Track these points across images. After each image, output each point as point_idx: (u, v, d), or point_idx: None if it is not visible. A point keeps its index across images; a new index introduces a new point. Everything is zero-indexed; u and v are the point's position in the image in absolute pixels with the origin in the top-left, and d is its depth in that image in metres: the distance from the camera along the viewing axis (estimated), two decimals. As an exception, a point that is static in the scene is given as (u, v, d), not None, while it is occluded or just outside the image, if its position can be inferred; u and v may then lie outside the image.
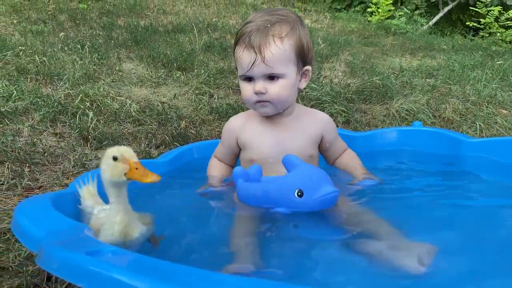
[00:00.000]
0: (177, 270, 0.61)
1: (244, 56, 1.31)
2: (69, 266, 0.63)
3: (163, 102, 2.63)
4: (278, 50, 1.29)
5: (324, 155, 1.52)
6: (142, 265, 0.63)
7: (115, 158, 0.92)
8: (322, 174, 1.18)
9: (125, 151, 0.93)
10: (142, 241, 0.98)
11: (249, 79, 1.35)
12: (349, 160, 1.52)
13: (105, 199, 1.03)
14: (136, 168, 0.91)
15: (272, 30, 1.30)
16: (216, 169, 1.55)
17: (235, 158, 1.54)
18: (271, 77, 1.32)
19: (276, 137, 1.41)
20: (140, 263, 0.64)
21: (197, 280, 0.58)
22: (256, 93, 1.33)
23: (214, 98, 2.77)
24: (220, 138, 2.32)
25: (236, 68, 1.42)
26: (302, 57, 1.36)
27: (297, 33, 1.33)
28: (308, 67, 1.40)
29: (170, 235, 1.06)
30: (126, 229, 0.94)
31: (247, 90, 1.36)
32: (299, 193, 1.13)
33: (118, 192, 0.94)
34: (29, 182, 1.72)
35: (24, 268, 1.18)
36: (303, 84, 1.42)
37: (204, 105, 2.61)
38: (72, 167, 1.88)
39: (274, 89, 1.33)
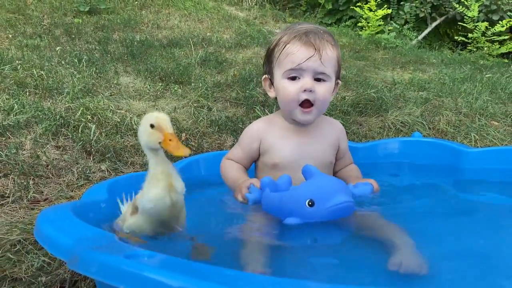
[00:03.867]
0: (211, 270, 0.64)
1: (301, 51, 1.33)
2: (109, 269, 0.65)
3: (163, 115, 2.65)
4: (331, 53, 1.36)
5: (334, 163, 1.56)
6: (177, 266, 0.66)
7: (152, 126, 0.94)
8: (336, 183, 1.19)
9: (162, 120, 0.94)
10: (183, 200, 1.00)
11: (293, 78, 1.36)
12: (350, 171, 1.57)
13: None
14: (170, 140, 0.92)
15: (326, 36, 1.37)
16: (235, 168, 1.50)
17: (251, 163, 1.53)
18: (318, 79, 1.35)
19: (299, 143, 1.44)
20: (175, 264, 0.67)
21: (230, 279, 0.61)
22: (305, 90, 1.33)
23: (213, 111, 2.81)
24: (220, 150, 2.36)
25: (268, 69, 1.44)
26: (339, 70, 1.43)
27: (338, 46, 1.41)
28: (339, 81, 1.46)
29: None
30: (169, 180, 0.96)
31: (291, 89, 1.36)
32: (310, 203, 1.14)
33: (156, 152, 0.97)
34: (35, 195, 1.73)
35: (39, 278, 1.19)
36: (332, 96, 1.46)
37: (204, 118, 2.65)
38: (76, 179, 1.90)
39: (321, 90, 1.35)
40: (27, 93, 2.69)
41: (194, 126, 2.54)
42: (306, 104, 1.37)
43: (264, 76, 1.50)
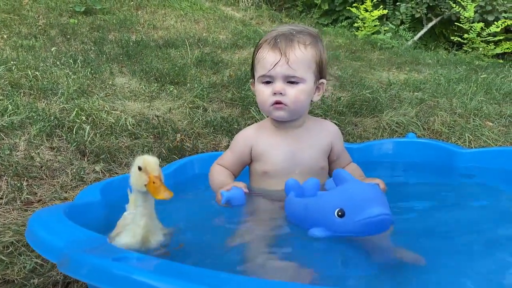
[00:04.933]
0: (200, 273, 0.64)
1: (269, 57, 1.35)
2: (98, 272, 0.65)
3: (158, 116, 2.65)
4: (302, 54, 1.35)
5: (329, 166, 1.55)
6: (167, 269, 0.66)
7: (140, 168, 0.96)
8: (372, 192, 1.03)
9: (148, 164, 0.96)
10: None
11: (268, 82, 1.38)
12: (352, 171, 1.56)
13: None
14: (154, 182, 0.93)
15: (297, 37, 1.37)
16: (223, 174, 1.49)
17: (241, 168, 1.54)
18: (291, 82, 1.36)
19: (289, 149, 1.44)
20: (165, 267, 0.67)
21: (219, 282, 0.61)
22: (275, 93, 1.35)
23: (208, 112, 2.80)
24: (215, 151, 2.35)
25: (252, 72, 1.46)
26: (320, 69, 1.41)
27: (318, 45, 1.40)
28: (323, 80, 1.46)
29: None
30: (147, 234, 0.97)
31: (264, 92, 1.38)
32: (340, 213, 1.00)
33: (145, 198, 0.98)
34: (28, 196, 1.72)
35: (31, 280, 1.18)
36: (316, 97, 1.47)
37: (199, 119, 2.64)
38: (70, 180, 1.89)
39: (293, 92, 1.36)
40: (22, 94, 2.68)
41: (189, 127, 2.53)
42: (278, 104, 1.38)
43: (251, 80, 1.52)
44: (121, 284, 0.62)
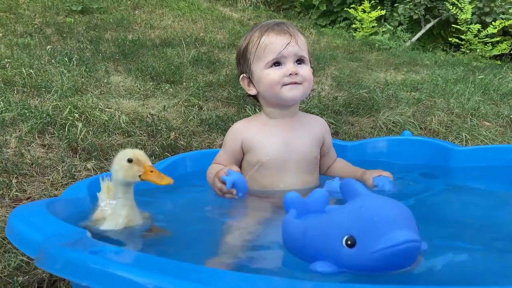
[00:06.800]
0: (178, 266, 0.62)
1: (279, 40, 1.36)
2: (73, 266, 0.63)
3: (153, 114, 2.62)
4: (303, 40, 1.41)
5: (320, 161, 1.53)
6: (143, 262, 0.64)
7: (130, 160, 1.01)
8: (394, 211, 0.76)
9: (140, 155, 1.02)
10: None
11: (276, 65, 1.37)
12: (343, 164, 1.55)
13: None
14: (151, 171, 0.99)
15: (293, 26, 1.42)
16: (218, 169, 1.44)
17: (237, 164, 1.49)
18: (299, 63, 1.38)
19: (282, 137, 1.42)
20: (142, 260, 0.65)
21: (197, 275, 0.59)
22: (291, 74, 1.35)
23: (204, 110, 2.78)
24: (210, 148, 2.33)
25: (244, 67, 1.44)
26: (310, 56, 1.45)
27: (305, 35, 1.45)
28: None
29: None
30: (129, 223, 1.03)
31: (275, 74, 1.36)
32: (349, 242, 0.73)
33: (127, 190, 1.04)
34: (17, 193, 1.69)
35: (15, 278, 1.15)
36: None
37: (194, 117, 2.62)
38: (61, 178, 1.86)
39: (305, 70, 1.38)
40: (15, 92, 2.65)
41: (184, 125, 2.51)
42: (292, 84, 1.37)
43: (242, 75, 1.48)
44: (96, 278, 0.59)
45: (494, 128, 2.68)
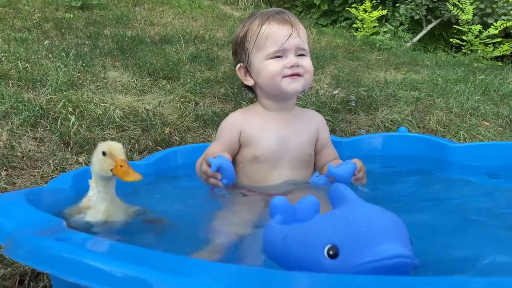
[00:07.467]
0: (147, 254, 0.59)
1: (280, 30, 1.32)
2: (36, 252, 0.60)
3: (148, 109, 2.60)
4: (304, 30, 1.38)
5: (315, 158, 1.49)
6: (113, 250, 0.61)
7: (104, 153, 0.96)
8: (386, 222, 0.69)
9: (114, 148, 0.96)
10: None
11: (277, 57, 1.33)
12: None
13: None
14: (121, 166, 0.93)
15: (293, 15, 1.39)
16: None
17: (231, 157, 1.44)
18: (299, 55, 1.35)
19: (280, 133, 1.39)
20: (111, 248, 0.62)
21: (165, 263, 0.56)
22: (292, 66, 1.32)
23: (200, 106, 2.75)
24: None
25: (242, 56, 1.40)
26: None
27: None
28: None
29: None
30: (107, 218, 0.98)
31: (276, 65, 1.33)
32: (331, 252, 0.66)
33: (106, 184, 0.98)
34: (5, 186, 1.67)
35: (-5, 270, 1.13)
36: None
37: (190, 113, 2.59)
38: (52, 171, 1.83)
39: (306, 62, 1.35)
40: (10, 85, 2.63)
41: (179, 121, 2.48)
42: (294, 76, 1.33)
43: (239, 65, 1.43)
44: (60, 266, 0.56)
45: (493, 128, 2.65)
